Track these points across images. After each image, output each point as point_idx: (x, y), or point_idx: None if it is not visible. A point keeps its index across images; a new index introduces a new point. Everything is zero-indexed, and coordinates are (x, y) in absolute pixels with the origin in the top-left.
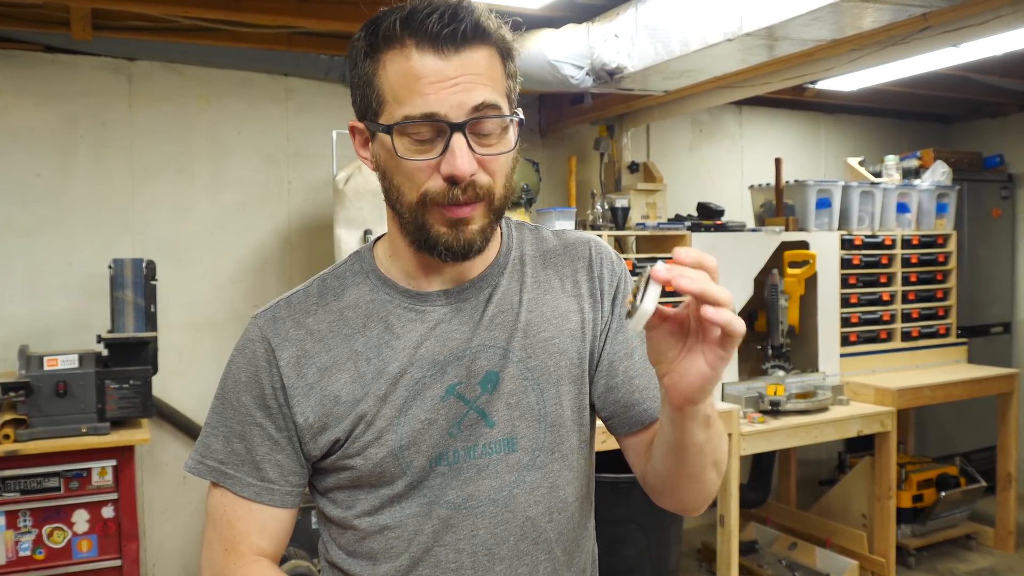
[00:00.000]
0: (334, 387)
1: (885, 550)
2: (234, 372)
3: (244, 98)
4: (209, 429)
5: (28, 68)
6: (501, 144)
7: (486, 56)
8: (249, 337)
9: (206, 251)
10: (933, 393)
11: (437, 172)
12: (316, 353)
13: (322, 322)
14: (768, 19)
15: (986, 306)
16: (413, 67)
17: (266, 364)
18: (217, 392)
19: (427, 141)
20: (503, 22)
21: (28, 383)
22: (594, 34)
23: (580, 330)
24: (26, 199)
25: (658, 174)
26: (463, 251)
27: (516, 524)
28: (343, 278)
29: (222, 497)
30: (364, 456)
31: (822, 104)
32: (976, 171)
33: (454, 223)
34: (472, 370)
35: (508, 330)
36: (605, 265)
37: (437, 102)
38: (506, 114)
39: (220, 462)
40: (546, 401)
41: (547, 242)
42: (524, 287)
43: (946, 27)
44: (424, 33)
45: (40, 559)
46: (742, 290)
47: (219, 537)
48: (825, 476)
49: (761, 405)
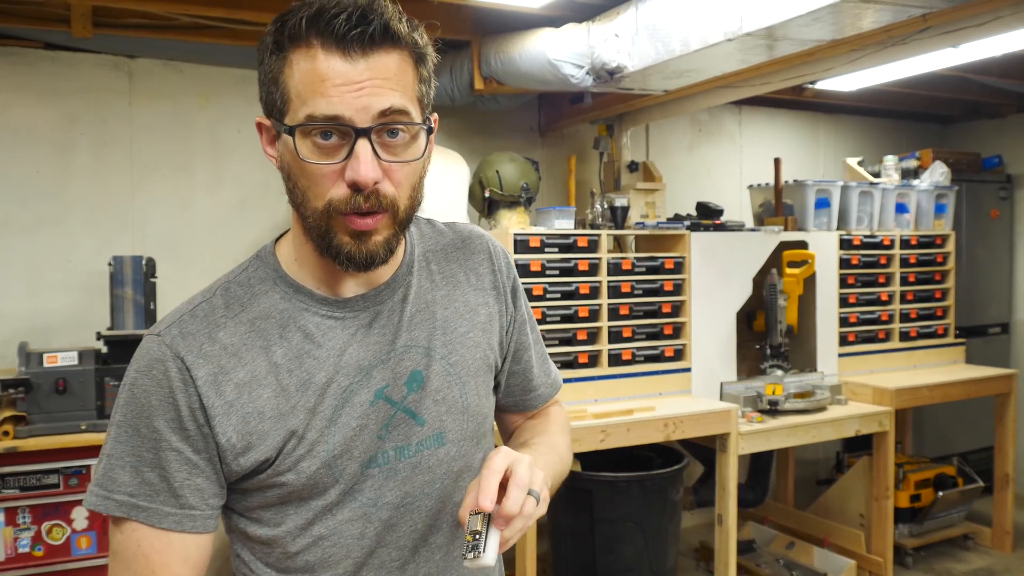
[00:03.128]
0: (256, 403)
1: (882, 550)
2: (139, 396)
3: (244, 96)
4: (113, 461)
5: (28, 65)
6: (409, 152)
7: (396, 60)
8: (155, 356)
9: (205, 249)
10: (931, 393)
11: (341, 179)
12: (232, 368)
13: (234, 335)
14: (768, 19)
15: (984, 307)
16: (318, 68)
17: (181, 384)
18: (117, 420)
19: (331, 146)
20: (417, 25)
21: (28, 380)
22: (594, 33)
23: (488, 322)
24: (26, 196)
25: (657, 173)
26: (365, 262)
27: (448, 512)
28: (248, 286)
29: (134, 533)
30: (296, 471)
31: (821, 104)
32: (975, 172)
33: (357, 234)
34: (397, 372)
35: (428, 329)
36: (502, 258)
37: (342, 105)
38: (415, 121)
39: (130, 495)
40: (467, 393)
41: (444, 236)
42: (435, 284)
43: (945, 28)
44: (331, 34)
45: (39, 556)
46: (741, 290)
47: (132, 575)
48: (823, 476)
49: (759, 405)
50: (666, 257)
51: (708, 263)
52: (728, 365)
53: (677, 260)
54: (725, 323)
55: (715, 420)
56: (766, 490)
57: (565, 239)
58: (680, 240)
